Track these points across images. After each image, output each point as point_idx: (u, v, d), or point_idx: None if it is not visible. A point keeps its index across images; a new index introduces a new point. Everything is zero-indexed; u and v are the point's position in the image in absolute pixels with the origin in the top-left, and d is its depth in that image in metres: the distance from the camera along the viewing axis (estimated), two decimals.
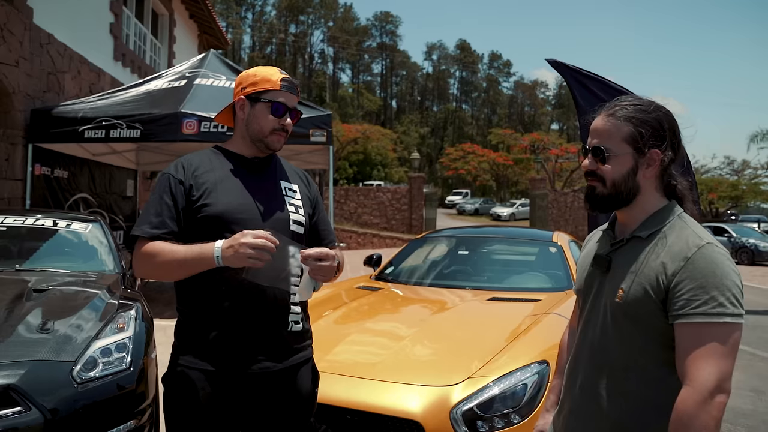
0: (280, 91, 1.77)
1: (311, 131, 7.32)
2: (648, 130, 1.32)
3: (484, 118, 77.60)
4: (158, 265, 1.64)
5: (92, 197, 8.76)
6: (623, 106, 1.36)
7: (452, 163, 38.59)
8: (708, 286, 1.22)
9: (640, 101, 1.38)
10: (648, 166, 1.34)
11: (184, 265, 1.61)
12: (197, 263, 1.60)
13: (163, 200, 1.69)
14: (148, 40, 12.35)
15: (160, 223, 1.67)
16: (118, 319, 2.91)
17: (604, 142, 1.36)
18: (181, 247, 1.62)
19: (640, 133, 1.32)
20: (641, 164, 1.34)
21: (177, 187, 1.70)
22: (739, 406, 4.59)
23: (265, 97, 1.76)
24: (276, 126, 1.77)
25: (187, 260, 1.60)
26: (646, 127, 1.32)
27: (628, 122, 1.33)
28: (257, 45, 68.97)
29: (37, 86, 7.57)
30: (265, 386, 1.72)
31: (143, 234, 1.66)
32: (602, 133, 1.37)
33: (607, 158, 1.36)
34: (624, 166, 1.34)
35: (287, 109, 1.78)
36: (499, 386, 2.43)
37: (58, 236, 4.13)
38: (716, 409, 1.17)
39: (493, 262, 4.64)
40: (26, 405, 2.32)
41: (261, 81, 1.77)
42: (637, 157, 1.33)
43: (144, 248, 1.65)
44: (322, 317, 3.23)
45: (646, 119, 1.33)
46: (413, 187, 23.74)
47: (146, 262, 1.66)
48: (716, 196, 31.98)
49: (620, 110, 1.35)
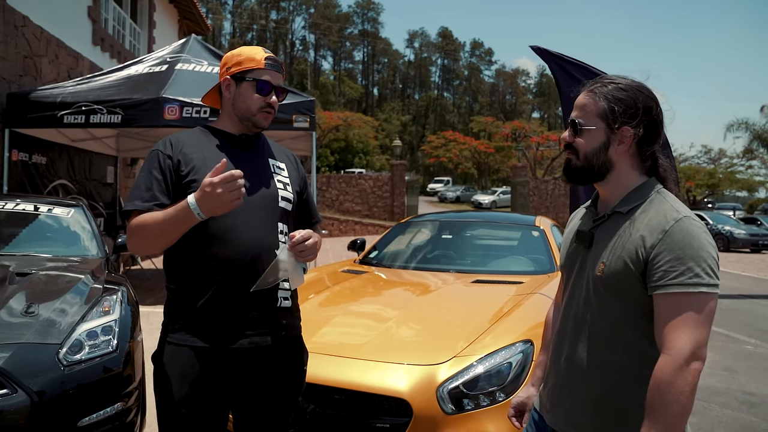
0: (264, 69, 1.78)
1: (294, 117, 7.28)
2: (621, 108, 1.36)
3: (466, 106, 77.72)
4: (147, 235, 1.65)
5: (72, 184, 8.62)
6: (603, 84, 1.41)
7: (434, 150, 38.64)
8: (685, 257, 1.26)
9: (620, 80, 1.42)
10: (620, 142, 1.38)
11: (166, 227, 1.61)
12: (179, 222, 1.59)
13: (152, 175, 1.71)
14: (127, 25, 12.12)
15: (150, 197, 1.68)
16: (104, 303, 2.90)
17: (581, 116, 1.42)
18: (161, 212, 1.63)
19: (613, 109, 1.37)
20: (613, 140, 1.38)
21: (166, 162, 1.72)
22: (713, 384, 4.74)
23: (250, 76, 1.78)
24: (262, 104, 1.79)
25: (167, 221, 1.60)
26: (620, 104, 1.37)
27: (603, 99, 1.38)
28: (238, 31, 68.04)
29: (12, 70, 7.40)
30: (254, 362, 1.74)
31: (134, 207, 1.67)
32: (581, 107, 1.42)
33: (580, 131, 1.42)
34: (596, 140, 1.39)
35: (273, 87, 1.80)
36: (484, 365, 2.48)
37: (40, 221, 4.08)
38: (692, 376, 1.22)
39: (477, 247, 4.70)
40: (12, 387, 2.31)
41: (246, 60, 1.79)
42: (609, 133, 1.38)
43: (134, 222, 1.67)
44: (307, 300, 3.25)
45: (620, 97, 1.37)
46: (395, 175, 23.77)
47: (137, 235, 1.67)
48: (694, 184, 32.54)
49: (600, 87, 1.41)
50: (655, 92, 1.43)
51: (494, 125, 38.50)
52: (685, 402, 1.22)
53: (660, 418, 1.23)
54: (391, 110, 68.38)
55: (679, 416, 1.22)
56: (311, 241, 1.68)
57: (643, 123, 1.37)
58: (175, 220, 1.59)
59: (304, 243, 1.67)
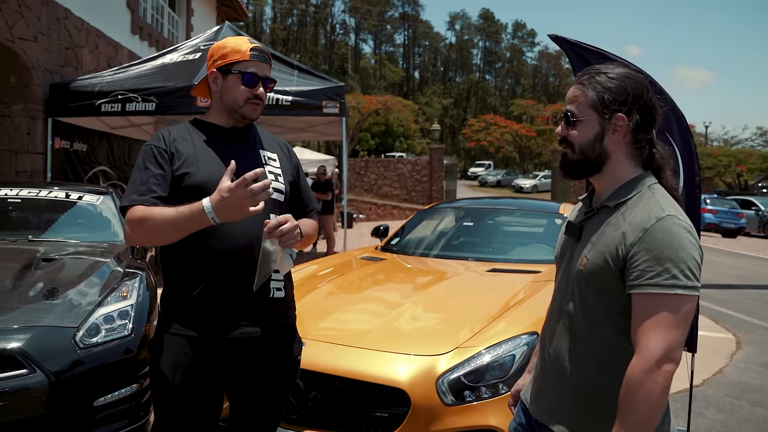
0: (250, 61, 1.78)
1: (324, 102, 7.30)
2: (610, 96, 1.35)
3: (508, 88, 76.24)
4: (150, 228, 1.64)
5: (111, 170, 8.93)
6: (591, 74, 1.40)
7: (474, 134, 38.17)
8: (663, 258, 1.24)
9: (608, 70, 1.40)
10: (614, 131, 1.37)
11: (178, 226, 1.61)
12: (191, 223, 1.59)
13: (148, 169, 1.72)
14: (165, 13, 12.37)
15: (147, 190, 1.69)
16: (122, 288, 3.01)
17: (572, 108, 1.41)
18: (171, 209, 1.62)
19: (602, 98, 1.36)
20: (607, 129, 1.37)
21: (161, 154, 1.74)
22: (746, 380, 4.57)
23: (235, 69, 1.78)
24: (249, 96, 1.78)
25: (180, 220, 1.59)
26: (609, 93, 1.36)
27: (592, 89, 1.37)
28: (278, 16, 68.47)
29: (55, 61, 7.68)
30: (246, 351, 1.77)
31: (131, 203, 1.68)
32: (572, 100, 1.41)
33: (574, 124, 1.40)
34: (590, 131, 1.37)
35: (259, 79, 1.79)
36: (487, 357, 2.46)
37: (71, 208, 4.25)
38: (662, 377, 1.20)
39: (498, 234, 4.64)
40: (31, 368, 2.44)
41: (230, 53, 1.78)
42: (602, 123, 1.36)
43: (134, 214, 1.66)
44: (321, 286, 3.28)
45: (608, 86, 1.36)
46: (433, 159, 23.61)
47: (137, 227, 1.66)
48: (746, 168, 31.14)
49: (588, 78, 1.40)
50: (702, 75, 1.40)
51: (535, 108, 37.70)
52: (654, 403, 1.19)
53: (629, 418, 1.21)
54: (432, 94, 67.76)
55: (647, 417, 1.20)
56: (288, 225, 1.66)
57: (635, 109, 1.35)
58: (188, 221, 1.59)
59: (281, 228, 1.65)
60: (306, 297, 3.05)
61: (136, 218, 1.67)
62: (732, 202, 20.63)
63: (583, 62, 3.19)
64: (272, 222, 1.66)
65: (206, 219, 1.56)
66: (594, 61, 3.16)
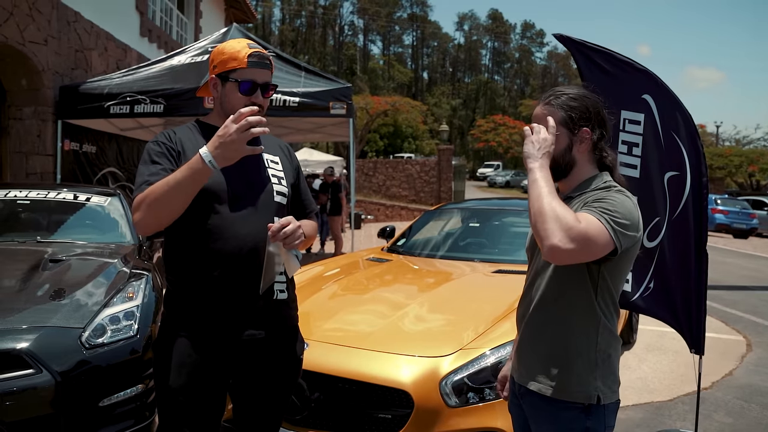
0: (247, 68, 1.75)
1: (331, 103, 7.31)
2: (577, 114, 1.60)
3: (517, 89, 76.03)
4: (153, 200, 1.60)
5: (120, 171, 8.99)
6: (557, 95, 1.64)
7: (483, 135, 38.08)
8: (604, 202, 1.49)
9: (569, 90, 1.65)
10: (581, 142, 1.62)
11: (176, 187, 1.58)
12: (189, 178, 1.57)
13: (156, 163, 1.70)
14: (174, 16, 12.44)
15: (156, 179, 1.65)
16: (128, 288, 3.03)
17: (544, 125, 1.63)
18: (170, 176, 1.61)
19: (570, 116, 1.60)
20: (575, 141, 1.62)
21: (169, 152, 1.73)
22: (757, 383, 4.52)
23: (233, 77, 1.76)
24: (247, 103, 1.75)
25: (177, 180, 1.58)
26: (576, 111, 1.61)
27: (560, 108, 1.61)
28: (287, 18, 68.68)
29: (65, 64, 7.75)
30: (250, 352, 1.78)
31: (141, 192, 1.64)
32: (541, 118, 1.63)
33: None
34: (561, 144, 1.61)
35: (258, 86, 1.78)
36: (491, 358, 2.45)
37: (79, 209, 4.29)
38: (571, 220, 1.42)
39: (504, 235, 4.62)
40: (38, 368, 2.46)
41: (228, 59, 1.76)
42: (571, 136, 1.61)
43: (139, 195, 1.64)
44: (326, 287, 3.29)
45: (574, 105, 1.61)
46: (442, 159, 23.58)
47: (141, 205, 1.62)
48: (757, 168, 30.84)
49: (554, 99, 1.63)
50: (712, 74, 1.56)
51: None
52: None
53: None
54: (441, 94, 67.68)
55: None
56: (291, 227, 1.67)
57: (596, 124, 1.62)
58: (187, 175, 1.57)
59: (284, 230, 1.66)
60: (311, 298, 3.05)
61: (140, 199, 1.64)
62: (743, 202, 20.42)
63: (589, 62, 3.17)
64: (275, 225, 1.67)
65: (205, 167, 1.56)
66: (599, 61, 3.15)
